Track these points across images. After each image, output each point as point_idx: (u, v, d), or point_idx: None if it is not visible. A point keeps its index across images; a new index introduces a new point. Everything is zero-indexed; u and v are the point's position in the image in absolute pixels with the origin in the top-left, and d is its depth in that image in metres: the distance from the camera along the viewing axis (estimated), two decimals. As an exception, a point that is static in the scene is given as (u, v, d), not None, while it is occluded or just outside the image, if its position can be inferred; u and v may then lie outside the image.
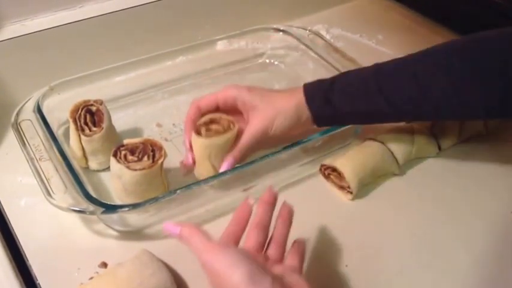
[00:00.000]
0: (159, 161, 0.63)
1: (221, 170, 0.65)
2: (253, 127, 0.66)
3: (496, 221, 0.68)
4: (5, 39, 0.78)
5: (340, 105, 0.66)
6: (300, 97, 0.67)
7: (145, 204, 0.60)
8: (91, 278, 0.58)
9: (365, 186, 0.71)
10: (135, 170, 0.61)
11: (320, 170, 0.73)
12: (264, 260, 0.51)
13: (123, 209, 0.59)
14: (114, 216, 0.62)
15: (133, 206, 0.60)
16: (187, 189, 0.62)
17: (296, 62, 0.92)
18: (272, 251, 0.53)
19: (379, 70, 0.66)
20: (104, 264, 0.60)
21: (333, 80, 0.67)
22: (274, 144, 0.69)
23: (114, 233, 0.64)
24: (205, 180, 0.63)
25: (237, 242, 0.53)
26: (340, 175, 0.70)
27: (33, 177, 0.63)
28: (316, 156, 0.74)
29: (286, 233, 0.55)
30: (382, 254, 0.64)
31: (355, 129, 0.76)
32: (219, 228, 0.65)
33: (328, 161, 0.71)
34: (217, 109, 0.68)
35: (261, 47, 0.94)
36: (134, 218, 0.64)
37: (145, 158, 0.63)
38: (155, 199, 0.60)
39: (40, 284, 0.58)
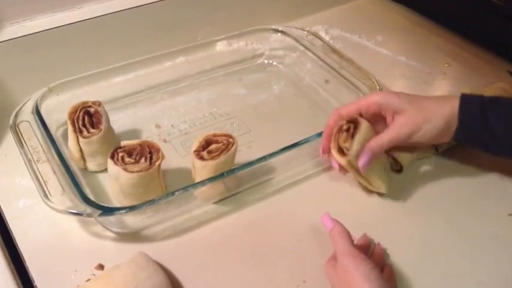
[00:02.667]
0: (156, 163, 0.63)
1: (360, 162, 0.64)
2: (398, 128, 0.65)
3: (493, 222, 0.68)
4: (4, 40, 0.78)
5: (495, 125, 0.63)
6: (452, 108, 0.64)
7: (142, 206, 0.60)
8: (88, 280, 0.58)
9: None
10: (132, 172, 0.61)
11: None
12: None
13: (120, 212, 0.60)
14: (111, 218, 0.62)
15: (130, 209, 0.60)
16: (185, 192, 0.62)
17: (294, 62, 0.92)
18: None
19: None
20: (101, 266, 0.60)
21: (492, 98, 0.65)
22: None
23: (112, 235, 0.64)
24: (203, 182, 0.63)
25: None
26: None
27: (31, 179, 0.64)
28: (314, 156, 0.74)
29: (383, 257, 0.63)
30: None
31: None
32: (217, 230, 0.66)
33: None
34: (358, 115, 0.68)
35: (260, 47, 0.94)
36: (131, 220, 0.64)
37: (143, 160, 0.63)
38: (152, 201, 0.60)
39: (37, 286, 0.58)
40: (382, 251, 0.63)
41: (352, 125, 0.67)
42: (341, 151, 0.66)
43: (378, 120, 0.69)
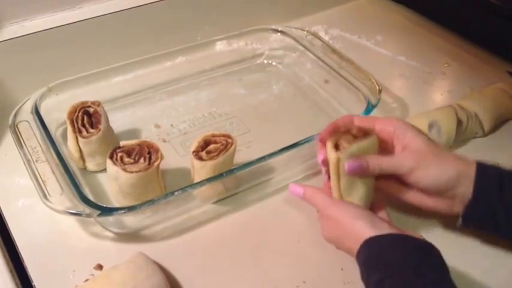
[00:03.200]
0: (155, 164, 0.63)
1: (348, 164, 0.57)
2: (402, 159, 0.59)
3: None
4: (4, 40, 0.78)
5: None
6: (470, 167, 0.58)
7: (141, 207, 0.60)
8: (86, 280, 0.58)
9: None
10: (131, 172, 0.61)
11: None
12: None
13: (119, 212, 0.60)
14: (110, 218, 0.62)
15: (129, 209, 0.60)
16: (184, 192, 0.62)
17: (294, 62, 0.92)
18: None
19: None
20: (100, 267, 0.60)
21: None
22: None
23: (111, 235, 0.65)
24: (202, 183, 0.63)
25: None
26: None
27: (30, 179, 0.64)
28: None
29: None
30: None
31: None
32: (216, 230, 0.66)
33: None
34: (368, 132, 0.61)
35: (259, 47, 0.94)
36: (130, 220, 0.64)
37: (142, 160, 0.63)
38: (151, 202, 0.60)
39: (36, 285, 0.58)
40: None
41: (362, 134, 0.61)
42: (337, 147, 0.60)
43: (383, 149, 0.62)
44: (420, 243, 0.54)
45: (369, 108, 0.74)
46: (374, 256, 0.53)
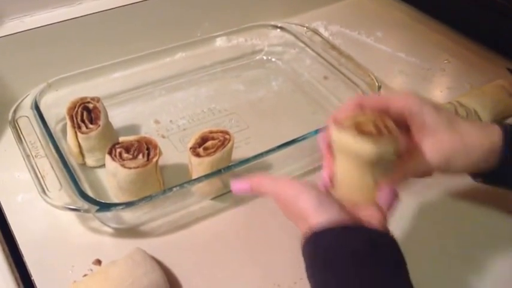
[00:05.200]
0: (154, 160, 0.63)
1: (380, 200, 0.50)
2: (427, 162, 0.52)
3: (495, 223, 0.68)
4: (4, 35, 0.78)
5: None
6: (494, 138, 0.54)
7: (140, 202, 0.60)
8: (85, 275, 0.58)
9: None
10: (130, 168, 0.61)
11: None
12: None
13: (118, 208, 0.60)
14: (108, 214, 0.62)
15: (128, 205, 0.60)
16: (182, 188, 0.62)
17: (293, 59, 0.92)
18: None
19: None
20: (98, 262, 0.61)
21: None
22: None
23: (109, 230, 0.65)
24: (199, 179, 0.63)
25: None
26: None
27: (29, 174, 0.64)
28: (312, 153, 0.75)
29: None
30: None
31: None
32: (214, 226, 0.66)
33: None
34: (382, 112, 0.52)
35: (259, 43, 0.94)
36: (129, 216, 0.65)
37: (140, 156, 0.64)
38: (149, 197, 0.61)
39: (35, 280, 0.59)
40: None
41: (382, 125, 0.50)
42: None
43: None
44: (372, 234, 0.47)
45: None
46: (319, 253, 0.46)
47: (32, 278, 0.59)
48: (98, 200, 0.60)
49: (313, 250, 0.47)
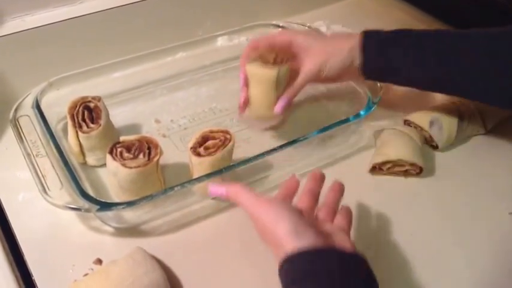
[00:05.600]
0: (155, 159, 0.63)
1: (276, 108, 0.71)
2: (306, 68, 0.71)
3: (494, 221, 0.68)
4: (5, 34, 0.78)
5: (392, 57, 0.67)
6: (355, 41, 0.69)
7: (140, 202, 0.60)
8: (85, 274, 0.58)
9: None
10: (131, 167, 0.61)
11: (374, 169, 0.73)
12: (313, 219, 0.54)
13: (118, 207, 0.60)
14: (109, 213, 0.62)
15: (128, 204, 0.60)
16: (182, 187, 0.62)
17: (295, 58, 0.92)
18: (323, 213, 0.56)
19: (441, 35, 0.68)
20: (99, 261, 0.61)
21: (393, 32, 0.69)
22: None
23: (110, 230, 0.65)
24: (200, 179, 0.63)
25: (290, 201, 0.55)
26: (399, 163, 0.72)
27: (30, 173, 0.64)
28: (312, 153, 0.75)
29: (338, 200, 0.58)
30: (383, 249, 0.65)
31: (353, 127, 0.76)
32: (215, 225, 0.66)
33: (381, 158, 0.72)
34: (273, 49, 0.73)
35: (260, 43, 0.94)
36: (130, 215, 0.65)
37: (141, 155, 0.63)
38: (150, 197, 0.61)
39: (35, 279, 0.59)
40: (337, 188, 0.59)
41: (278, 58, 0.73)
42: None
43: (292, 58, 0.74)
44: (345, 255, 0.50)
45: (370, 105, 0.74)
46: (295, 274, 0.48)
47: (32, 277, 0.59)
48: (98, 199, 0.60)
49: (290, 272, 0.48)
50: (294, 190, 0.58)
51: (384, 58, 0.68)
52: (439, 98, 0.86)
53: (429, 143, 0.77)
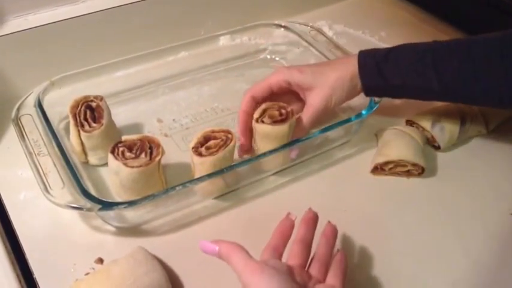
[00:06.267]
0: (156, 159, 0.63)
1: (292, 156, 0.70)
2: (312, 108, 0.69)
3: (495, 221, 0.68)
4: (8, 33, 0.78)
5: (391, 76, 0.67)
6: (354, 68, 0.69)
7: (142, 201, 0.60)
8: (86, 273, 0.59)
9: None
10: (132, 167, 0.61)
11: (376, 169, 0.73)
12: (307, 278, 0.52)
13: (120, 207, 0.60)
14: (111, 212, 0.62)
15: (130, 204, 0.60)
16: (184, 187, 0.62)
17: (297, 58, 0.92)
18: (315, 270, 0.53)
19: (436, 46, 0.67)
20: (100, 260, 0.61)
21: (388, 51, 0.69)
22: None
23: (112, 229, 0.65)
24: (202, 178, 0.63)
25: (279, 256, 0.53)
26: (401, 164, 0.72)
27: (32, 172, 0.64)
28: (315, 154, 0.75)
29: (329, 253, 0.56)
30: (382, 250, 0.64)
31: (355, 127, 0.76)
32: (216, 225, 0.66)
33: (382, 159, 0.72)
34: (271, 95, 0.71)
35: (263, 42, 0.94)
36: (131, 215, 0.65)
37: (143, 155, 0.63)
38: (152, 196, 0.61)
39: (37, 278, 0.59)
40: (329, 235, 0.57)
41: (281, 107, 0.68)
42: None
43: (291, 98, 0.73)
44: None
45: (372, 105, 0.74)
46: None
47: (34, 276, 0.59)
48: (100, 198, 0.60)
49: None
50: (288, 235, 0.55)
51: (383, 78, 0.68)
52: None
53: (431, 144, 0.77)
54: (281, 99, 0.70)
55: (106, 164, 0.69)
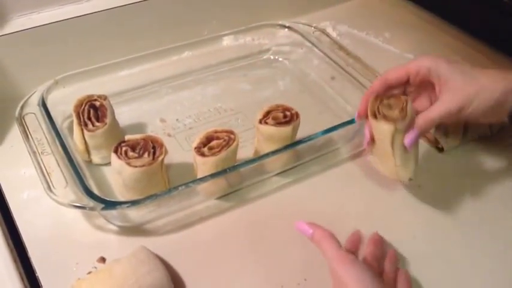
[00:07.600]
0: (159, 158, 0.63)
1: (407, 139, 0.61)
2: (446, 104, 0.61)
3: (500, 224, 0.68)
4: (12, 32, 0.79)
5: None
6: (510, 82, 0.59)
7: (145, 201, 0.60)
8: (89, 272, 0.59)
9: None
10: (135, 166, 0.61)
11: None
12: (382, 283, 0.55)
13: (123, 206, 0.60)
14: (114, 212, 0.62)
15: (133, 203, 0.60)
16: (187, 187, 0.62)
17: (301, 58, 0.92)
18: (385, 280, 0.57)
19: None
20: (103, 259, 0.61)
21: None
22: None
23: (114, 228, 0.65)
24: (205, 178, 0.63)
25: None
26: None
27: (35, 171, 0.64)
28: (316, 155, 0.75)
29: (395, 271, 0.59)
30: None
31: (358, 128, 0.76)
32: (218, 225, 0.66)
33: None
34: (406, 82, 0.65)
35: (266, 43, 0.94)
36: (134, 214, 0.65)
37: (146, 154, 0.64)
38: (155, 196, 0.61)
39: (39, 276, 0.59)
40: (393, 256, 0.61)
41: (393, 99, 0.64)
42: (375, 116, 0.63)
43: (422, 91, 0.66)
44: None
45: (375, 106, 0.74)
46: None
47: (36, 275, 0.59)
48: (103, 197, 0.60)
49: None
50: (358, 246, 0.60)
51: None
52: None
53: (435, 146, 0.77)
54: (409, 92, 0.66)
55: (109, 163, 0.69)
